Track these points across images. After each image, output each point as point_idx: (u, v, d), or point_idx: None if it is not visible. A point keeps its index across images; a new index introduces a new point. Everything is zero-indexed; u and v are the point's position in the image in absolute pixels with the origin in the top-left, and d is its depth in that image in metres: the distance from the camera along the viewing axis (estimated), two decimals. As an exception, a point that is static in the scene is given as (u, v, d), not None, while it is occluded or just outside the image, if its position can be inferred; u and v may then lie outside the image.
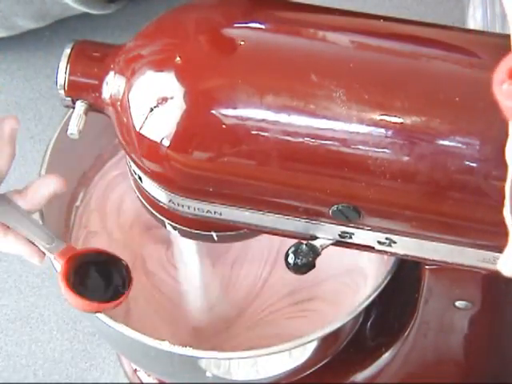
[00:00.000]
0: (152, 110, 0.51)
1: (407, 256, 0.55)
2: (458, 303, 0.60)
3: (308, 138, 0.49)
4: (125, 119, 0.53)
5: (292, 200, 0.52)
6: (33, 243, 0.60)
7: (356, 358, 0.71)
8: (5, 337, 0.82)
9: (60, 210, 0.71)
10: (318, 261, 0.54)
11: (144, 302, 0.73)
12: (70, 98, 0.55)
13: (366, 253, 0.62)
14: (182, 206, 0.55)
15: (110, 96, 0.54)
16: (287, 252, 0.55)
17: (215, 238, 0.58)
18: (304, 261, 0.54)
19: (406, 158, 0.48)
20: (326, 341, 0.63)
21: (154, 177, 0.54)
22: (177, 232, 0.59)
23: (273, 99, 0.49)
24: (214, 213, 0.55)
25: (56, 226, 0.68)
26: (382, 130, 0.48)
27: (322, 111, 0.49)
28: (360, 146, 0.49)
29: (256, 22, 0.52)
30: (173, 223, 0.58)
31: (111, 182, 0.76)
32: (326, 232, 0.54)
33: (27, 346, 0.81)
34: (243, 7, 0.53)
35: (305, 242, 0.55)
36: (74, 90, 0.55)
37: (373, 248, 0.55)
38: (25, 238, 0.59)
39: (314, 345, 0.63)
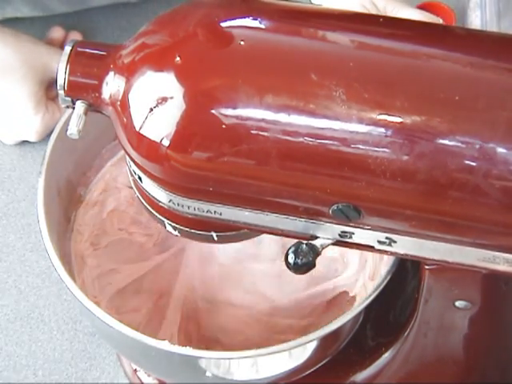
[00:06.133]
0: (152, 109, 0.51)
1: (407, 255, 0.55)
2: (457, 303, 0.60)
3: (308, 138, 0.49)
4: (124, 119, 0.53)
5: (292, 199, 0.52)
6: None
7: (356, 358, 0.71)
8: (5, 337, 0.82)
9: (60, 209, 0.71)
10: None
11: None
12: (69, 98, 0.55)
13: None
14: (182, 206, 0.55)
15: (110, 96, 0.54)
16: (287, 252, 0.55)
17: (215, 238, 0.58)
18: (304, 260, 0.54)
19: (405, 157, 0.49)
20: (326, 341, 0.63)
21: (154, 177, 0.54)
22: (177, 232, 0.59)
23: (273, 99, 0.49)
24: (214, 213, 0.55)
25: (56, 225, 0.68)
26: (382, 129, 0.49)
27: (322, 111, 0.49)
28: (360, 146, 0.49)
29: (256, 22, 0.52)
30: (173, 223, 0.58)
31: (111, 181, 0.76)
32: (326, 231, 0.54)
33: (27, 346, 0.81)
34: (243, 7, 0.53)
35: (305, 241, 0.55)
36: (74, 90, 0.55)
37: (373, 247, 0.55)
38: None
39: (313, 345, 0.63)
